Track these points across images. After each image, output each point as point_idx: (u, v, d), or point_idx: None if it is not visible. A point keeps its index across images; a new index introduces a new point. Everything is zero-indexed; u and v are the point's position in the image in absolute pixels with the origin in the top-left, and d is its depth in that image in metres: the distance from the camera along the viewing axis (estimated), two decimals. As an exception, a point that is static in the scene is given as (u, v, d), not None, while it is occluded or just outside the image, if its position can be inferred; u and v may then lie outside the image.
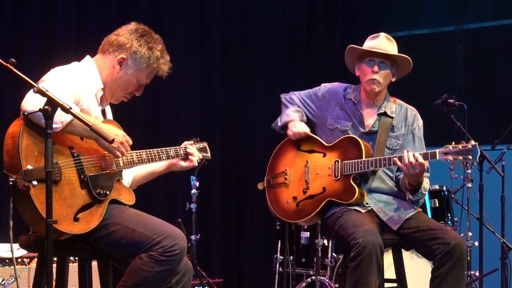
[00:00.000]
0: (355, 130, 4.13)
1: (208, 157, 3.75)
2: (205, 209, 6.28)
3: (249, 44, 6.97)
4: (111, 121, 3.39)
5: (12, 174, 2.95)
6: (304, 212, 4.10)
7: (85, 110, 3.22)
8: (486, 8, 7.37)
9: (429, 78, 7.04)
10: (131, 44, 3.36)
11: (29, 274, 4.44)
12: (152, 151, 3.45)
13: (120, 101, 3.49)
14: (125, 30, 3.42)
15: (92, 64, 3.39)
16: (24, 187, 2.92)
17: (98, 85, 3.35)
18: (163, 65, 3.45)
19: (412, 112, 4.22)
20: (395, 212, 4.00)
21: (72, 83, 3.18)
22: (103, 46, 3.43)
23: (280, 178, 4.25)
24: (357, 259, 3.71)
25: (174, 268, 3.19)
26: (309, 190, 4.13)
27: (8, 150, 3.01)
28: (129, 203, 3.33)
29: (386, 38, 4.16)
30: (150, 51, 3.38)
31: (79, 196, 3.12)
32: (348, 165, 4.01)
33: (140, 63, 3.38)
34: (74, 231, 3.06)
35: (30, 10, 5.51)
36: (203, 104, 6.57)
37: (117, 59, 3.37)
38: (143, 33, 3.41)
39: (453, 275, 3.79)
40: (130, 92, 3.46)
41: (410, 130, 4.17)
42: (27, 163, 2.95)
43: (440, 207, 5.66)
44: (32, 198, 2.94)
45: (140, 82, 3.43)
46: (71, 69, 3.30)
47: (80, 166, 3.15)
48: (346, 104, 4.19)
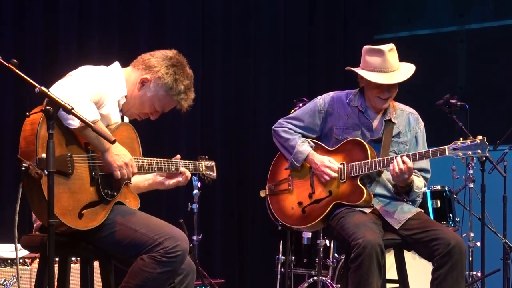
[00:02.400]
0: (364, 138, 4.11)
1: (214, 177, 3.73)
2: (207, 210, 6.28)
3: (250, 44, 6.97)
4: (127, 124, 3.40)
5: (26, 160, 2.97)
6: (311, 216, 4.10)
7: (104, 115, 3.22)
8: (488, 8, 7.36)
9: (431, 78, 7.02)
10: (159, 69, 3.37)
11: (31, 275, 4.45)
12: (162, 161, 3.44)
13: (133, 118, 3.50)
14: (161, 54, 3.43)
15: (120, 71, 3.41)
16: (37, 174, 2.93)
17: (123, 91, 3.37)
18: (184, 101, 3.43)
19: (414, 116, 4.21)
20: (397, 212, 4.01)
21: (98, 83, 3.20)
22: (136, 60, 3.46)
23: (283, 185, 4.24)
24: (358, 260, 3.71)
25: (175, 269, 3.20)
26: (314, 195, 4.12)
27: (26, 135, 3.04)
28: (133, 207, 3.33)
29: (390, 53, 4.04)
30: (175, 83, 3.37)
31: (87, 192, 3.14)
32: (355, 166, 4.01)
33: (161, 89, 3.37)
34: (76, 226, 3.07)
35: (32, 10, 5.52)
36: (204, 104, 6.57)
37: (141, 78, 3.38)
38: (176, 64, 3.40)
39: (453, 276, 3.80)
40: (145, 113, 3.46)
41: (414, 134, 4.17)
42: (42, 151, 2.95)
43: (442, 207, 5.66)
44: (42, 187, 2.95)
45: (155, 107, 3.43)
46: (100, 71, 3.31)
47: (93, 163, 3.17)
48: (353, 112, 4.15)
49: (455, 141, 3.86)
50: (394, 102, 4.21)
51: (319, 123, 4.20)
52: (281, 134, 4.22)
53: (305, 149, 4.14)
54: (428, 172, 4.16)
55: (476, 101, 6.47)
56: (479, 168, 5.47)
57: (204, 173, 3.67)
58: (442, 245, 3.81)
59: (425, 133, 4.20)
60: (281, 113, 4.40)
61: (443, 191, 5.70)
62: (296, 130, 4.21)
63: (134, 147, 3.34)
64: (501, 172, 5.43)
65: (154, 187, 3.60)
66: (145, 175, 3.54)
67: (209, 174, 3.70)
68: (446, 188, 5.71)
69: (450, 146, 3.85)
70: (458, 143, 3.84)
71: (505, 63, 7.09)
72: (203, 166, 3.66)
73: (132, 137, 3.37)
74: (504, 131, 5.60)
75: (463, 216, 5.74)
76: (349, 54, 7.39)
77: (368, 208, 4.01)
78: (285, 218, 4.21)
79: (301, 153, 4.14)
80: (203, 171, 3.67)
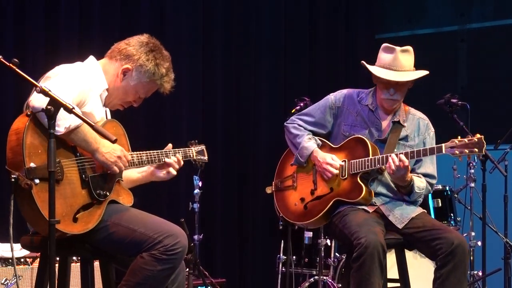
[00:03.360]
0: (371, 137, 4.11)
1: (205, 160, 3.71)
2: (208, 209, 6.27)
3: (250, 44, 6.96)
4: (113, 120, 3.39)
5: (15, 170, 2.95)
6: (312, 213, 4.12)
7: (87, 113, 3.21)
8: (489, 7, 7.36)
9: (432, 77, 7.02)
10: (139, 57, 3.37)
11: (32, 274, 4.44)
12: (152, 153, 3.44)
13: (115, 108, 3.49)
14: (136, 41, 3.42)
15: (97, 65, 3.39)
16: (27, 185, 2.91)
17: (103, 85, 3.36)
18: (166, 83, 3.45)
19: (424, 122, 4.21)
20: (400, 211, 4.02)
21: (78, 82, 3.18)
22: (111, 51, 3.44)
23: (288, 181, 4.28)
24: (360, 260, 3.72)
25: (176, 266, 3.20)
26: (316, 191, 4.15)
27: (11, 146, 3.01)
28: (127, 204, 3.33)
29: (403, 53, 4.04)
30: (157, 67, 3.38)
31: (79, 196, 3.12)
32: (355, 164, 4.02)
33: (144, 76, 3.38)
34: (73, 231, 3.07)
35: (33, 9, 5.51)
36: (205, 104, 6.57)
37: (122, 69, 3.37)
38: (153, 48, 3.41)
39: (455, 276, 3.80)
40: (128, 101, 3.46)
41: (422, 139, 4.17)
42: (30, 160, 2.95)
43: (443, 207, 5.65)
44: (34, 197, 2.94)
45: (139, 95, 3.44)
46: (77, 68, 3.29)
47: (82, 166, 3.15)
48: (362, 110, 4.16)
49: (452, 139, 3.85)
50: (406, 106, 4.22)
51: (331, 120, 4.22)
52: (291, 130, 4.26)
53: (310, 146, 4.16)
54: (434, 178, 4.15)
55: (477, 101, 6.46)
56: (480, 167, 5.47)
57: (195, 158, 3.65)
58: (445, 245, 3.82)
59: (434, 140, 4.19)
60: (282, 113, 4.41)
61: (444, 191, 5.70)
62: (307, 127, 4.24)
63: (122, 143, 3.32)
64: (502, 172, 5.42)
65: (150, 178, 3.57)
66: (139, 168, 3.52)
67: (200, 158, 3.68)
68: (447, 188, 5.71)
69: (447, 144, 3.85)
70: (455, 141, 3.84)
71: (506, 62, 7.09)
72: (193, 152, 3.64)
73: (120, 133, 3.35)
74: (505, 130, 5.60)
75: (464, 215, 5.74)
76: (349, 54, 7.40)
77: (371, 207, 4.02)
78: (289, 214, 4.24)
79: (306, 149, 4.15)
80: (194, 157, 3.65)
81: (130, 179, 3.53)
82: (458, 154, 3.81)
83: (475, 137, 3.81)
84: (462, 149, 3.80)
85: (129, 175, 3.50)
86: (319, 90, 4.39)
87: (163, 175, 3.53)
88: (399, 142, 4.11)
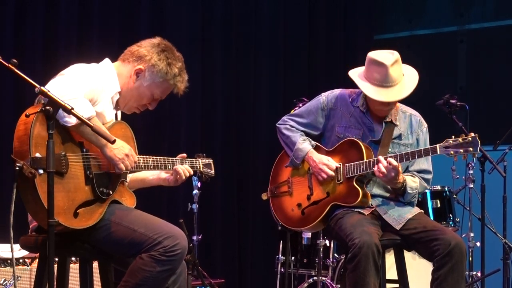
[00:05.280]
0: (365, 138, 4.10)
1: (211, 175, 3.72)
2: (206, 210, 6.28)
3: (250, 44, 6.97)
4: (122, 122, 3.40)
5: (20, 159, 2.97)
6: (310, 218, 4.11)
7: (98, 113, 3.21)
8: (488, 8, 7.36)
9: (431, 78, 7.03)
10: (151, 57, 3.39)
11: (31, 275, 4.44)
12: (159, 159, 3.45)
13: (132, 111, 3.50)
14: (148, 42, 3.45)
15: (111, 67, 3.40)
16: (30, 173, 2.92)
17: (116, 88, 3.37)
18: (180, 83, 3.46)
19: (416, 118, 4.18)
20: (397, 212, 4.00)
21: (91, 80, 3.20)
22: (124, 54, 3.46)
23: (283, 187, 4.25)
24: (355, 260, 3.71)
25: (175, 267, 3.20)
26: (313, 196, 4.13)
27: (19, 135, 3.03)
28: (129, 206, 3.33)
29: (393, 67, 3.93)
30: (169, 67, 3.40)
31: (82, 191, 3.13)
32: (350, 167, 4.00)
33: (156, 76, 3.39)
34: (72, 225, 3.07)
35: (32, 10, 5.51)
36: (205, 105, 6.57)
37: (135, 70, 3.38)
38: (165, 49, 3.43)
39: (453, 277, 3.79)
40: (143, 104, 3.47)
41: (416, 136, 4.16)
42: (36, 150, 2.96)
43: (442, 207, 5.66)
44: (37, 187, 2.95)
45: (154, 96, 3.45)
46: (91, 68, 3.31)
47: (87, 162, 3.16)
48: (355, 111, 4.13)
49: (446, 139, 3.83)
50: (397, 103, 4.19)
51: (322, 121, 4.19)
52: (283, 131, 4.23)
53: (305, 147, 4.14)
54: (429, 173, 4.14)
55: (476, 101, 6.47)
56: (479, 168, 5.48)
57: (202, 170, 3.67)
58: (442, 246, 3.80)
59: (428, 135, 4.17)
60: (281, 113, 4.39)
61: (443, 191, 5.70)
62: (299, 128, 4.22)
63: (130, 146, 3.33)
64: (501, 172, 5.42)
65: (159, 182, 3.61)
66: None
67: (206, 171, 3.69)
68: (446, 188, 5.71)
69: (442, 145, 3.83)
70: (449, 140, 3.81)
71: (505, 63, 7.09)
72: (200, 164, 3.65)
73: (128, 135, 3.36)
74: (504, 131, 5.60)
75: (463, 216, 5.74)
76: (349, 54, 7.40)
77: (367, 209, 4.01)
78: (286, 220, 4.22)
79: (301, 151, 4.14)
80: (201, 169, 3.66)
81: (139, 177, 3.56)
82: (453, 154, 3.78)
83: (469, 136, 3.78)
84: (457, 149, 3.78)
85: (138, 173, 3.52)
86: (318, 91, 4.37)
87: (171, 181, 3.55)
88: (393, 142, 4.09)
